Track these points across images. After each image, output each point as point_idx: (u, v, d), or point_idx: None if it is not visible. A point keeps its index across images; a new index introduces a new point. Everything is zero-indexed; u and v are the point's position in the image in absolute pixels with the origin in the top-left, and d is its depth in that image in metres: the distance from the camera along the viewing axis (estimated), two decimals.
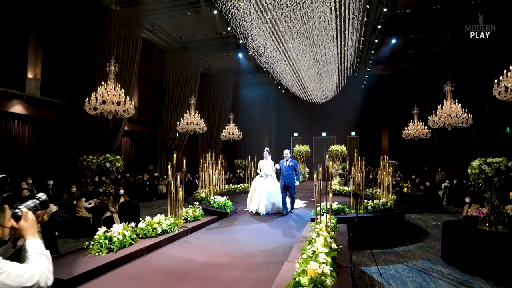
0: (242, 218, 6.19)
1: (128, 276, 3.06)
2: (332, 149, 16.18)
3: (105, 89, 8.42)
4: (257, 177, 7.11)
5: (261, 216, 6.39)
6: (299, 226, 5.36)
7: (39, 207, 1.35)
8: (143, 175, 13.09)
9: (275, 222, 5.87)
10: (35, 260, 1.17)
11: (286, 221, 6.03)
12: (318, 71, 12.80)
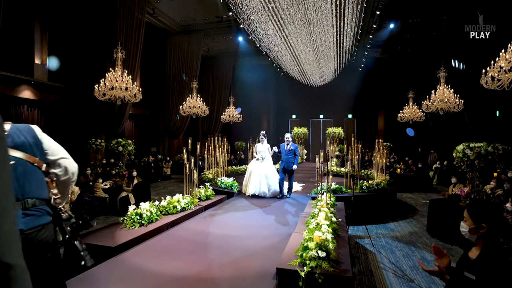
0: (247, 198, 6.75)
1: (161, 246, 3.62)
2: (329, 131, 16.72)
3: (113, 75, 8.74)
4: (253, 161, 7.11)
5: (260, 198, 6.54)
6: (299, 205, 5.92)
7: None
8: (148, 157, 13.56)
9: (276, 203, 6.26)
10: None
11: (285, 202, 6.33)
12: (317, 55, 13.07)
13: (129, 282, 2.70)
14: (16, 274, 0.70)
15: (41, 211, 1.61)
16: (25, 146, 1.63)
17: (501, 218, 1.65)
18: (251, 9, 9.42)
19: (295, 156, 6.60)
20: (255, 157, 7.01)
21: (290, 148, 6.63)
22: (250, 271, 2.96)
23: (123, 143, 7.96)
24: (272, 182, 6.75)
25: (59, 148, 1.83)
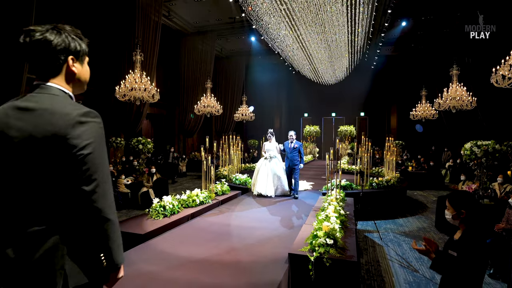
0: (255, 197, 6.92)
1: (183, 234, 3.99)
2: (341, 130, 16.85)
3: (133, 77, 9.22)
4: (261, 159, 6.89)
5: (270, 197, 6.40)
6: (310, 201, 6.16)
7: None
8: (164, 155, 14.08)
9: (288, 199, 6.35)
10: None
11: (294, 200, 6.27)
12: (329, 54, 13.22)
13: (158, 263, 3.06)
14: (113, 225, 1.14)
15: None
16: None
17: (477, 204, 1.96)
18: (263, 10, 9.69)
19: (300, 155, 6.42)
20: (263, 156, 6.84)
21: (294, 146, 6.46)
22: (264, 256, 3.28)
23: (143, 141, 8.42)
24: (281, 181, 6.60)
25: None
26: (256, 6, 9.43)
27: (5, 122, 1.09)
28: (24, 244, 1.06)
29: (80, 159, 1.06)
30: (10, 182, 1.09)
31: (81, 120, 1.09)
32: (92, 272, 1.14)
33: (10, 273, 1.06)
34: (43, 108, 1.10)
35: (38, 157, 1.06)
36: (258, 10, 9.75)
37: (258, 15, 10.00)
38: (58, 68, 1.18)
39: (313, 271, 2.91)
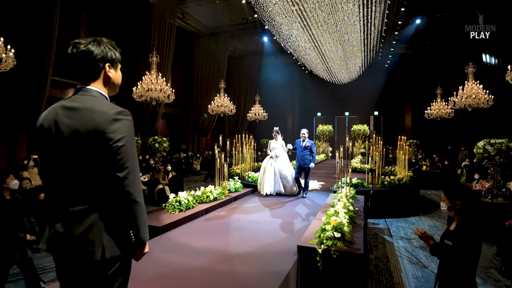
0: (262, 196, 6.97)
1: (198, 228, 4.20)
2: (355, 129, 16.77)
3: (149, 78, 9.54)
4: (267, 158, 6.74)
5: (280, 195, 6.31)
6: (320, 200, 6.24)
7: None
8: (179, 154, 14.44)
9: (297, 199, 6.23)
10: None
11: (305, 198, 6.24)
12: (342, 53, 13.19)
13: (175, 253, 3.27)
14: (141, 207, 1.34)
15: None
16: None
17: (471, 196, 2.06)
18: (275, 11, 9.81)
19: (311, 154, 6.22)
20: (269, 155, 6.65)
21: (306, 144, 6.26)
22: (274, 248, 3.44)
23: (159, 140, 8.72)
24: (288, 181, 6.44)
25: None
26: (269, 7, 9.56)
27: (56, 119, 1.31)
28: (71, 220, 1.28)
29: (115, 150, 1.27)
30: (60, 169, 1.31)
31: (116, 118, 1.30)
32: (123, 246, 1.33)
33: (59, 244, 1.28)
34: (86, 107, 1.31)
35: (82, 148, 1.27)
36: (271, 10, 9.87)
37: (270, 16, 10.13)
38: (97, 73, 1.40)
39: (321, 262, 3.04)
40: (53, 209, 1.32)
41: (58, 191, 1.32)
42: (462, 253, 1.89)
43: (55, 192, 1.33)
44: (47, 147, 1.33)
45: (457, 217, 2.06)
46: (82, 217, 1.27)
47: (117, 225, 1.33)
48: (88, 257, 1.25)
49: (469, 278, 1.95)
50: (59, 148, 1.29)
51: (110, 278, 1.31)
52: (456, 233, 1.98)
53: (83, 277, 1.29)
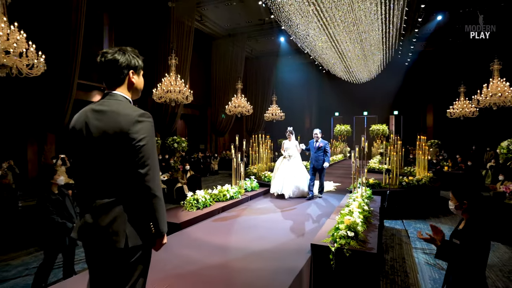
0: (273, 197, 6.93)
1: (215, 225, 4.34)
2: (373, 129, 16.49)
3: (168, 80, 9.83)
4: (280, 158, 6.62)
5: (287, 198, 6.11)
6: (335, 201, 6.20)
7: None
8: (197, 154, 14.73)
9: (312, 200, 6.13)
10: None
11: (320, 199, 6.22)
12: (360, 53, 13.00)
13: (193, 248, 3.42)
14: (160, 201, 1.47)
15: None
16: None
17: (479, 195, 2.06)
18: (292, 11, 9.82)
19: (325, 154, 6.10)
20: (282, 155, 6.55)
21: (319, 145, 6.13)
22: (288, 246, 3.52)
23: (178, 140, 8.99)
24: (300, 182, 6.25)
25: None
26: (285, 7, 9.59)
27: (86, 121, 1.46)
28: (98, 212, 1.42)
29: (137, 149, 1.40)
30: (89, 165, 1.46)
31: (139, 120, 1.43)
32: (144, 236, 1.46)
33: (88, 233, 1.44)
34: (112, 110, 1.45)
35: (108, 147, 1.42)
36: (287, 11, 9.89)
37: (287, 16, 10.16)
38: (122, 79, 1.55)
39: (334, 261, 3.09)
40: (83, 201, 1.48)
41: (87, 186, 1.48)
42: (470, 252, 1.89)
43: (85, 186, 1.49)
44: (78, 146, 1.48)
45: (465, 216, 2.07)
46: (108, 209, 1.42)
47: (139, 217, 1.46)
48: (113, 246, 1.39)
49: (479, 278, 1.95)
50: (89, 147, 1.45)
51: (132, 265, 1.45)
52: (464, 232, 1.99)
53: (109, 263, 1.44)
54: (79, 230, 1.48)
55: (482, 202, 2.06)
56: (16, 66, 5.76)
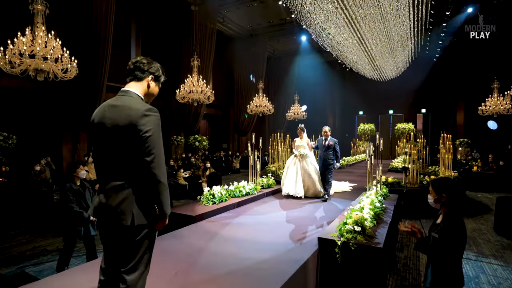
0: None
1: (229, 218, 4.53)
2: (399, 127, 16.03)
3: (191, 81, 10.20)
4: (291, 157, 6.33)
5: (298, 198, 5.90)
6: (349, 199, 6.16)
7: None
8: (220, 153, 15.09)
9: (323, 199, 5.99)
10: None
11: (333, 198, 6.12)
12: (385, 49, 12.65)
13: (206, 239, 3.61)
14: (164, 186, 1.63)
15: None
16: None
17: (457, 189, 2.10)
18: (312, 11, 9.78)
19: (335, 153, 5.80)
20: (293, 153, 6.23)
21: (328, 143, 5.80)
22: (297, 239, 3.62)
23: (199, 139, 9.31)
24: (312, 182, 5.98)
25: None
26: (306, 6, 9.57)
27: (103, 115, 1.68)
28: (110, 193, 1.64)
29: (144, 139, 1.59)
30: (105, 153, 1.68)
31: (146, 113, 1.62)
32: (149, 217, 1.65)
33: (100, 212, 1.67)
34: (124, 105, 1.67)
35: (121, 137, 1.62)
36: (307, 10, 9.86)
37: (308, 16, 10.13)
38: (141, 79, 1.79)
39: (340, 254, 3.16)
40: (100, 184, 1.72)
41: (103, 170, 1.70)
42: (447, 244, 1.94)
43: (101, 170, 1.72)
44: (97, 136, 1.71)
45: (443, 210, 2.10)
46: (118, 191, 1.63)
47: (145, 199, 1.65)
48: (120, 223, 1.60)
49: (455, 268, 2.00)
50: (105, 137, 1.67)
51: (139, 241, 1.65)
52: (442, 225, 2.04)
53: (118, 239, 1.66)
54: (94, 209, 1.71)
55: (460, 196, 2.08)
56: (53, 71, 6.30)
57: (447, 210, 2.07)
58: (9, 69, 5.98)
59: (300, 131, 6.25)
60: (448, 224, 1.99)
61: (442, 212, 2.13)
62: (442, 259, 2.00)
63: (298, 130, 6.27)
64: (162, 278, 2.58)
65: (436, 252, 2.02)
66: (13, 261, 4.34)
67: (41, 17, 6.19)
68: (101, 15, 8.38)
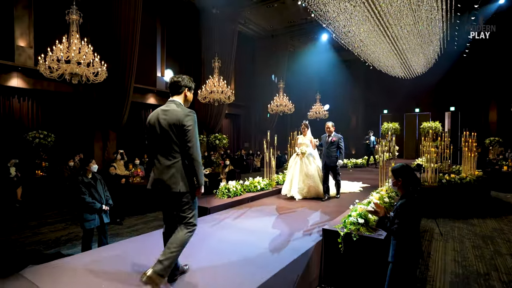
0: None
1: (242, 211, 4.78)
2: (425, 126, 15.51)
3: (212, 81, 10.58)
4: (293, 156, 6.05)
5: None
6: (360, 199, 6.22)
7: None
8: (241, 151, 15.42)
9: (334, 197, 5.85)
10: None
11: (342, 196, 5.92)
12: (411, 44, 12.22)
13: (218, 229, 3.89)
14: (199, 164, 2.37)
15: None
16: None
17: (410, 174, 2.34)
18: (331, 9, 9.75)
19: (339, 150, 5.49)
20: (296, 152, 5.95)
21: (332, 139, 5.50)
22: (304, 230, 3.81)
23: (219, 137, 9.65)
24: (313, 182, 5.65)
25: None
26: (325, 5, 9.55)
27: (158, 117, 2.38)
28: (162, 170, 2.34)
29: (185, 132, 2.31)
30: (158, 143, 2.38)
31: (187, 114, 2.34)
32: (190, 186, 2.35)
33: (156, 184, 2.37)
34: (173, 109, 2.38)
35: (170, 130, 2.32)
36: (326, 9, 9.84)
37: (328, 15, 10.11)
38: (180, 92, 2.53)
39: (342, 245, 3.30)
40: (155, 165, 2.41)
41: (157, 155, 2.39)
42: (401, 221, 2.21)
43: (155, 155, 2.41)
44: (153, 132, 2.40)
45: (401, 192, 2.37)
46: (168, 168, 2.33)
47: (186, 174, 2.35)
48: (170, 190, 2.31)
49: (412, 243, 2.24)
50: (159, 132, 2.37)
51: (185, 203, 2.36)
52: (398, 205, 2.30)
53: (171, 203, 2.39)
54: (152, 183, 2.41)
55: (415, 180, 2.33)
56: (85, 74, 6.89)
57: (403, 192, 2.35)
58: (48, 73, 6.62)
59: (304, 128, 5.90)
60: (402, 204, 2.26)
61: (400, 194, 2.39)
62: (398, 235, 2.25)
63: (302, 126, 5.93)
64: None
65: (392, 228, 2.27)
66: (51, 244, 4.87)
67: (76, 26, 6.79)
68: (129, 20, 8.90)
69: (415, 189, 2.30)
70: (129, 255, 3.06)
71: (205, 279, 2.54)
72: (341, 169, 11.65)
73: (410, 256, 2.26)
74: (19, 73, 8.79)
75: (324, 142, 5.66)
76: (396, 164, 2.47)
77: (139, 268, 2.69)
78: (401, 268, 2.30)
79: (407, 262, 2.27)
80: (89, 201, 3.94)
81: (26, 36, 9.07)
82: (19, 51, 8.88)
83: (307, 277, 3.16)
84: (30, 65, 8.86)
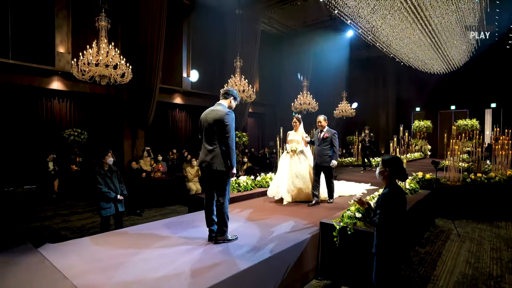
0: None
1: (249, 204, 4.93)
2: (460, 124, 14.58)
3: (233, 80, 10.83)
4: (283, 154, 5.45)
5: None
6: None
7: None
8: (264, 149, 15.57)
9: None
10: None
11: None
12: (446, 36, 11.47)
13: (231, 222, 4.07)
14: (232, 150, 3.20)
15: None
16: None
17: (398, 165, 2.32)
18: (356, 5, 9.48)
19: (332, 148, 4.88)
20: (286, 150, 5.37)
21: (324, 135, 4.89)
22: (305, 223, 3.88)
23: (239, 135, 9.86)
24: (303, 184, 5.06)
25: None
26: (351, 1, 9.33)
27: (207, 115, 3.25)
28: (207, 153, 3.19)
29: (225, 126, 3.11)
30: (206, 132, 3.21)
31: (227, 113, 3.15)
32: (226, 167, 3.13)
33: (202, 163, 3.21)
34: (218, 109, 3.22)
35: (214, 125, 3.14)
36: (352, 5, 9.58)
37: (354, 11, 9.86)
38: (227, 98, 3.38)
39: (338, 238, 3.32)
40: (203, 149, 3.23)
41: (204, 142, 3.22)
42: (383, 211, 2.23)
43: (204, 142, 3.23)
44: (203, 125, 3.24)
45: (385, 181, 2.35)
46: (211, 152, 3.15)
47: (223, 157, 3.13)
48: (211, 169, 3.13)
49: (395, 234, 2.23)
50: (206, 125, 3.20)
51: (222, 179, 3.19)
52: (382, 195, 2.29)
53: (211, 178, 3.21)
54: (199, 163, 3.25)
55: (401, 173, 2.30)
56: (112, 76, 7.43)
57: (388, 182, 2.33)
58: (80, 76, 7.24)
59: (295, 122, 5.24)
60: (385, 194, 2.26)
61: (385, 184, 2.36)
62: (380, 225, 2.26)
63: (293, 120, 5.27)
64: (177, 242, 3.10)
65: (374, 219, 2.30)
66: (76, 230, 5.37)
67: (104, 31, 7.34)
68: (155, 25, 9.38)
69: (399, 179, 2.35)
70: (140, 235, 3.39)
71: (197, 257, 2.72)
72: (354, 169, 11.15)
73: (392, 247, 2.26)
74: (59, 77, 9.64)
75: (316, 139, 5.04)
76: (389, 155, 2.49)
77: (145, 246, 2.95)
78: (383, 259, 2.32)
79: (389, 253, 2.28)
80: (104, 190, 4.30)
81: (65, 43, 9.93)
82: (59, 56, 9.74)
83: (300, 268, 3.22)
84: (68, 69, 9.68)
